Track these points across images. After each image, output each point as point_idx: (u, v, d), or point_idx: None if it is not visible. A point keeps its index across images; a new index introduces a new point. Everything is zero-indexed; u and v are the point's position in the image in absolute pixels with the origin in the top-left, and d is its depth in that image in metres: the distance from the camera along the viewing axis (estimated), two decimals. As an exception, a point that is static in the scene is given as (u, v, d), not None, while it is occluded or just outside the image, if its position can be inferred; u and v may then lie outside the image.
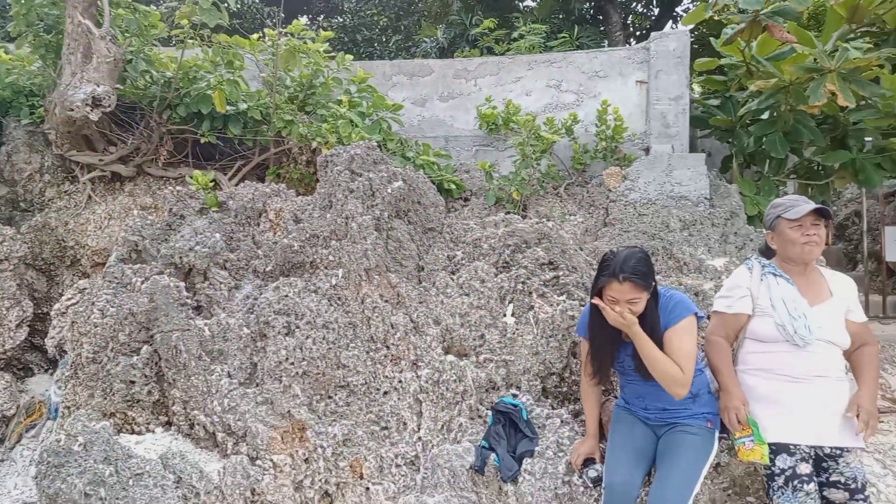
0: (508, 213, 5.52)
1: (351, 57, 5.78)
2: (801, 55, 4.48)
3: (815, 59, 4.36)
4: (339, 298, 3.34)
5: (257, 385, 3.21)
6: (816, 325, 2.47)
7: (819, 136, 5.31)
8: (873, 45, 4.88)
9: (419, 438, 3.09)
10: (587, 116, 5.80)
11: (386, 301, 3.32)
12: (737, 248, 4.94)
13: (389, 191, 3.48)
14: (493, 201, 5.45)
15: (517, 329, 3.22)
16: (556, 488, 2.68)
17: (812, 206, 2.51)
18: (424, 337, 3.28)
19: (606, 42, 12.04)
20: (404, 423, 3.15)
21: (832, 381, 2.46)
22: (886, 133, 5.43)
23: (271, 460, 2.99)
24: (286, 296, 3.23)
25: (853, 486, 2.37)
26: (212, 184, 4.47)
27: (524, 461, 2.76)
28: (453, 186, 5.49)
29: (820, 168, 5.88)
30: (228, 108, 5.26)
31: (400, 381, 3.20)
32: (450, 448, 2.82)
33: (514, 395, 3.12)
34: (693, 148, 6.88)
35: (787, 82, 4.66)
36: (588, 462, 2.71)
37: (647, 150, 5.73)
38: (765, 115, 5.49)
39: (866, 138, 5.62)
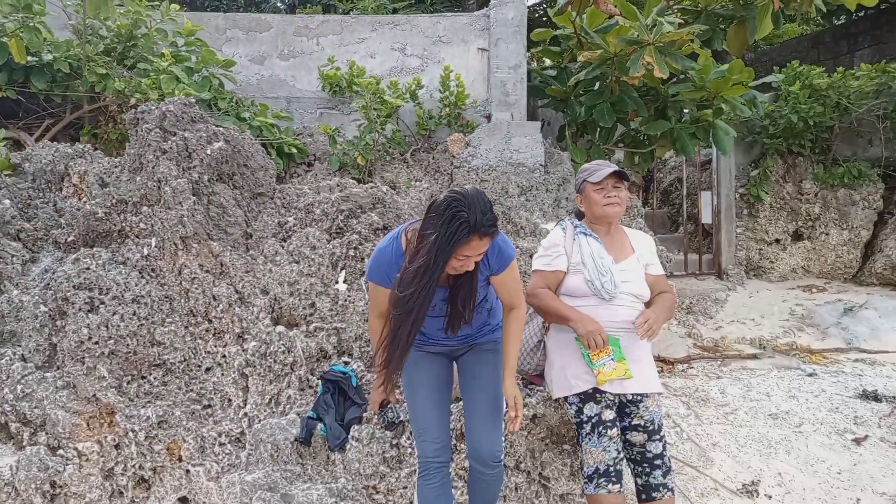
0: (354, 178, 5.42)
1: (176, 7, 5.29)
2: (623, 28, 4.74)
3: (635, 33, 4.63)
4: (152, 270, 3.08)
5: (57, 368, 2.89)
6: (621, 279, 2.64)
7: (642, 107, 5.68)
8: (685, 22, 5.26)
9: (245, 415, 2.96)
10: (432, 82, 5.78)
11: (207, 271, 3.11)
12: (568, 213, 5.21)
13: (209, 152, 3.23)
14: (337, 166, 5.30)
15: (349, 296, 3.16)
16: (383, 452, 2.68)
17: (611, 169, 2.66)
18: (251, 308, 3.12)
19: (461, 9, 12.09)
20: (229, 400, 3.00)
21: (635, 332, 2.65)
22: (701, 105, 5.95)
23: (75, 449, 2.72)
24: (87, 268, 2.91)
25: (651, 427, 2.59)
26: (4, 143, 3.92)
27: (352, 428, 2.73)
28: (294, 150, 5.27)
29: (644, 137, 6.33)
30: (30, 59, 4.63)
31: (224, 356, 3.03)
32: (273, 422, 2.72)
33: (346, 363, 3.07)
34: (534, 117, 7.13)
35: (611, 54, 4.91)
36: (384, 405, 2.41)
37: (488, 118, 5.84)
38: (596, 86, 5.79)
39: (684, 110, 6.12)
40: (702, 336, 6.09)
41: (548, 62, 6.99)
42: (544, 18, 8.60)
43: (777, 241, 7.75)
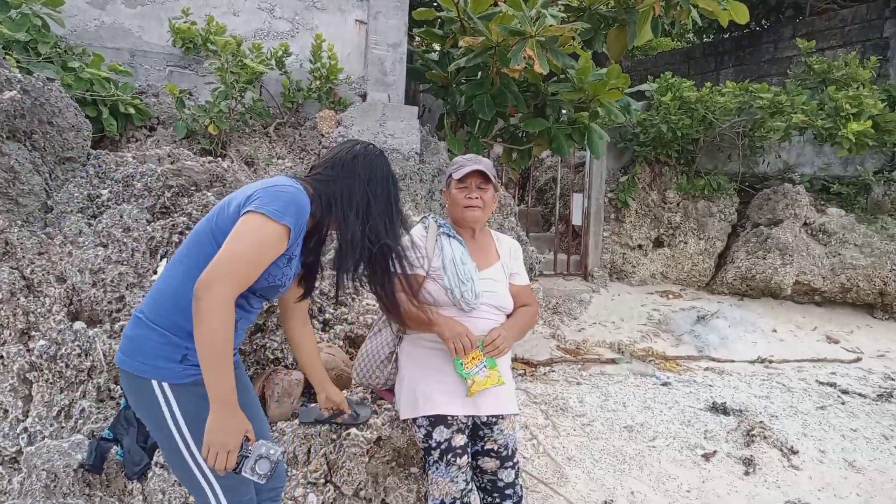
0: (204, 148, 4.80)
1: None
2: (507, 16, 4.51)
3: (518, 23, 4.41)
4: None
5: None
6: (483, 288, 2.38)
7: (521, 102, 5.52)
8: (567, 19, 5.14)
9: (25, 430, 2.39)
10: (302, 50, 5.26)
11: (-18, 251, 2.48)
12: (441, 206, 4.93)
13: (-5, 102, 2.58)
14: (183, 133, 4.65)
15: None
16: (195, 481, 2.24)
17: (474, 166, 2.38)
18: (41, 299, 2.54)
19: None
20: (5, 411, 2.41)
21: (494, 346, 2.40)
22: (578, 107, 5.89)
23: None
24: None
25: (504, 453, 2.35)
26: None
27: (156, 453, 2.26)
28: (132, 111, 4.56)
29: (523, 134, 6.20)
30: None
31: (1, 356, 2.43)
32: (51, 444, 2.18)
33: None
34: (415, 101, 6.79)
35: (494, 43, 4.67)
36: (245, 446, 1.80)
37: (363, 97, 5.43)
38: (479, 76, 5.55)
39: (562, 110, 6.05)
40: (565, 338, 6.09)
41: (436, 47, 6.70)
42: None
43: (640, 246, 8.00)
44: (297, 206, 1.71)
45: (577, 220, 8.15)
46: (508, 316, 2.49)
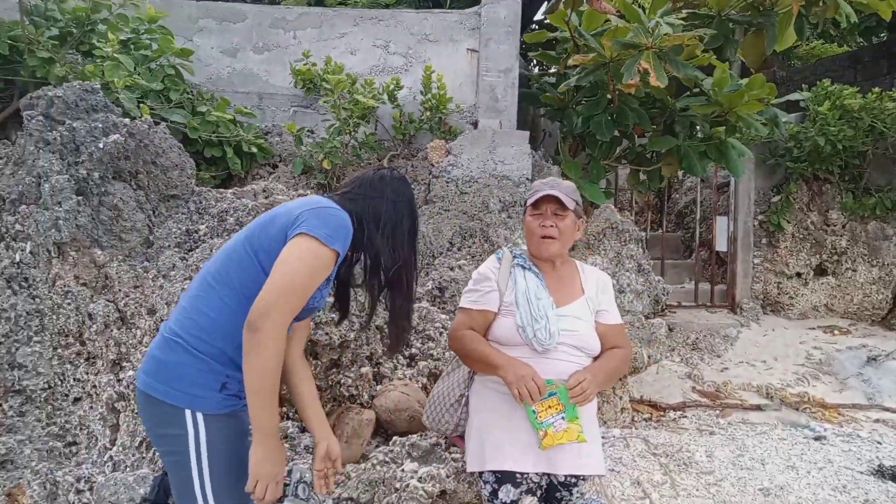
0: (319, 183, 4.95)
1: (142, -9, 4.90)
2: (620, 29, 4.19)
3: (632, 35, 4.08)
4: (24, 279, 2.62)
5: None
6: (560, 327, 2.10)
7: (645, 120, 5.11)
8: (691, 26, 4.68)
9: (111, 458, 2.47)
10: (416, 84, 5.29)
11: (84, 284, 2.65)
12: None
13: (101, 145, 2.77)
14: (300, 169, 4.84)
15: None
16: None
17: (548, 191, 2.12)
18: (133, 331, 2.65)
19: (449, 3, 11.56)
20: (95, 439, 2.52)
21: (576, 393, 2.10)
22: (714, 122, 5.34)
23: None
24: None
25: (585, 517, 2.03)
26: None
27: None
28: (255, 150, 4.82)
29: (652, 154, 5.74)
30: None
31: (94, 386, 2.55)
32: (118, 476, 2.22)
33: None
34: (534, 127, 6.59)
35: (607, 59, 4.36)
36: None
37: (475, 125, 5.33)
38: (597, 96, 5.24)
39: (696, 126, 5.52)
40: (703, 378, 5.46)
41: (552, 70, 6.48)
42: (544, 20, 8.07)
43: (798, 274, 7.05)
44: (345, 230, 1.68)
45: (721, 245, 7.39)
46: (596, 359, 2.19)
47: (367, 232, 1.76)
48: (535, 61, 6.60)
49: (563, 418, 1.98)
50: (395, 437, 2.43)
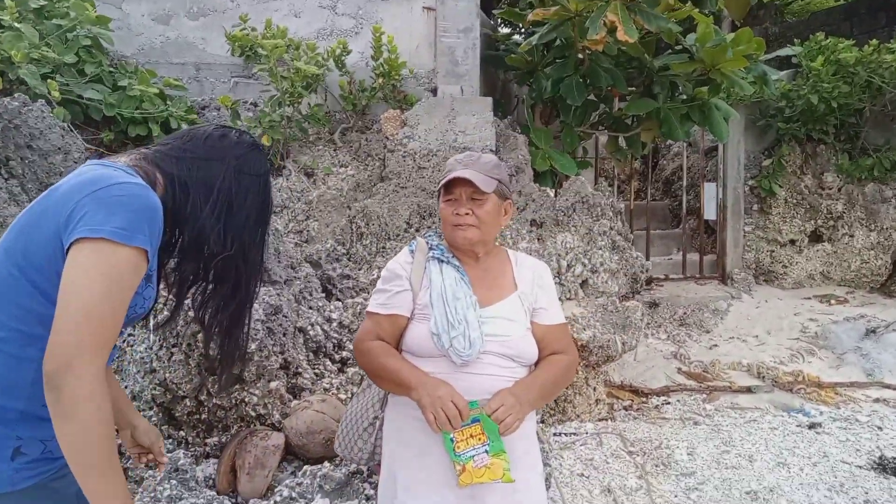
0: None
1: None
2: (585, -23, 3.71)
3: (598, -18, 3.61)
4: None
5: None
6: (485, 332, 1.68)
7: (620, 81, 4.65)
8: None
9: None
10: (368, 48, 4.80)
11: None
12: (518, 210, 4.22)
13: (-50, 127, 2.32)
14: (239, 147, 4.37)
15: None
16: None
17: (460, 172, 1.68)
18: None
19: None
20: None
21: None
22: (699, 81, 4.87)
23: None
24: None
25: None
26: None
27: None
28: (185, 126, 4.34)
29: (632, 119, 5.28)
30: None
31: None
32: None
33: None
34: (505, 94, 6.12)
35: (572, 13, 3.88)
36: None
37: (434, 91, 4.85)
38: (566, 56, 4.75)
39: (678, 86, 5.05)
40: (689, 358, 5.08)
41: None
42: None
43: (792, 242, 6.63)
44: (147, 213, 1.18)
45: (709, 213, 6.97)
46: (532, 369, 1.78)
47: (191, 201, 1.29)
48: (501, 20, 6.09)
49: (486, 451, 1.57)
50: (305, 468, 2.03)
